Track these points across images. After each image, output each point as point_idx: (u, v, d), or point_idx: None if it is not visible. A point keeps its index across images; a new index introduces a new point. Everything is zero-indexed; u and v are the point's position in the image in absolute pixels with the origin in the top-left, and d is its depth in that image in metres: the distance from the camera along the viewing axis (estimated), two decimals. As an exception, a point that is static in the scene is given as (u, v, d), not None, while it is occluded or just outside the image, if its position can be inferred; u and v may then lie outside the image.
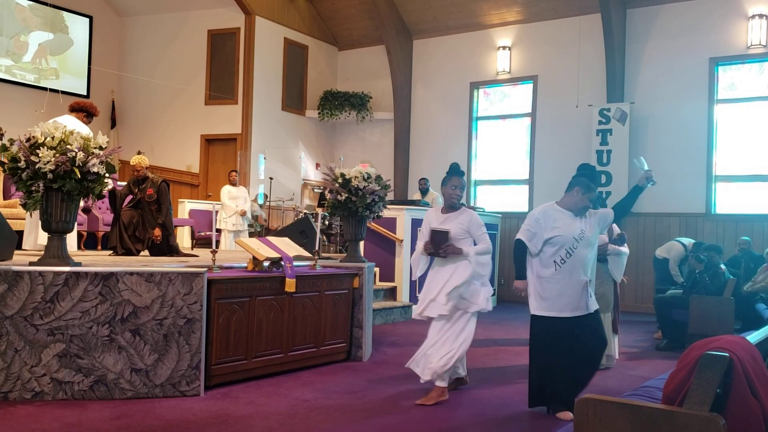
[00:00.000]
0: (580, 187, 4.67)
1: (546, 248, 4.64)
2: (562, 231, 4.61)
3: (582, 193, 4.67)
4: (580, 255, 4.62)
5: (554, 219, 4.67)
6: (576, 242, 4.61)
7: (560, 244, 4.60)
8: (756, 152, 11.08)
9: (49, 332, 4.55)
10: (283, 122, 14.34)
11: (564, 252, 4.60)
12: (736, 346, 2.23)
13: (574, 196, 4.70)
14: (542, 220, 4.67)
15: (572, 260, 4.60)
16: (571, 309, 4.61)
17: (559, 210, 4.72)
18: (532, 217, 4.73)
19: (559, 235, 4.60)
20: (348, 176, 6.58)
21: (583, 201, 4.68)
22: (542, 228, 4.65)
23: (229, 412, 4.50)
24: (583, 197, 4.68)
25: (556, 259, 4.61)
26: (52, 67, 14.09)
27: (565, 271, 4.60)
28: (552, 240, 4.62)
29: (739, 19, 11.13)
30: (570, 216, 4.69)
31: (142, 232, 7.14)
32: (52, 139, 4.54)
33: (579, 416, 2.21)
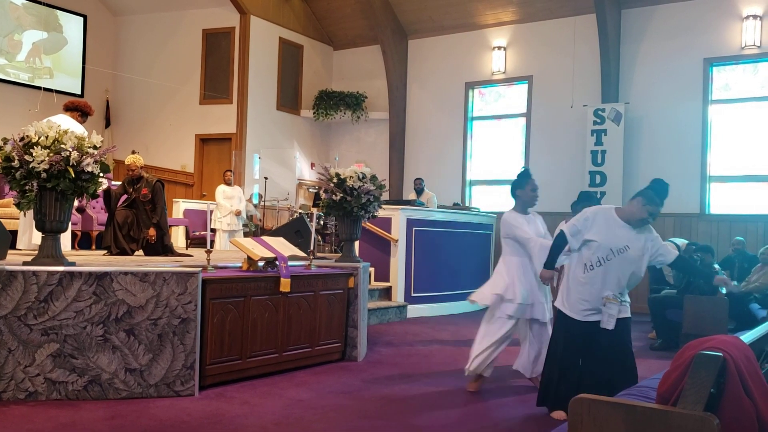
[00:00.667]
0: (643, 197, 4.39)
1: (583, 249, 4.47)
2: (601, 238, 4.39)
3: (642, 204, 4.38)
4: (613, 268, 4.39)
5: (601, 223, 4.44)
6: (612, 254, 4.38)
7: (594, 250, 4.40)
8: (750, 153, 11.12)
9: (43, 332, 4.53)
10: (278, 122, 14.33)
11: (596, 259, 4.40)
12: (729, 345, 2.23)
13: (634, 206, 4.41)
14: (591, 220, 4.46)
15: (603, 269, 4.40)
16: (590, 315, 4.47)
17: (613, 217, 4.45)
18: (583, 214, 4.52)
19: (595, 240, 4.40)
20: (343, 176, 6.58)
21: (641, 212, 4.37)
22: (587, 228, 4.44)
23: (224, 412, 4.49)
24: (642, 208, 4.37)
25: (587, 263, 4.44)
26: (46, 66, 14.05)
27: (593, 277, 4.43)
28: (589, 243, 4.43)
29: (734, 20, 11.16)
30: (622, 226, 4.41)
31: (137, 232, 7.12)
32: (46, 138, 4.53)
33: (573, 416, 2.21)
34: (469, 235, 10.94)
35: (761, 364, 2.72)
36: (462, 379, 5.77)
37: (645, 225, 4.45)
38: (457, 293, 10.54)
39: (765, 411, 2.22)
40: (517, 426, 4.52)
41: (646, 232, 4.46)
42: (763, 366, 2.77)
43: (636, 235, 4.41)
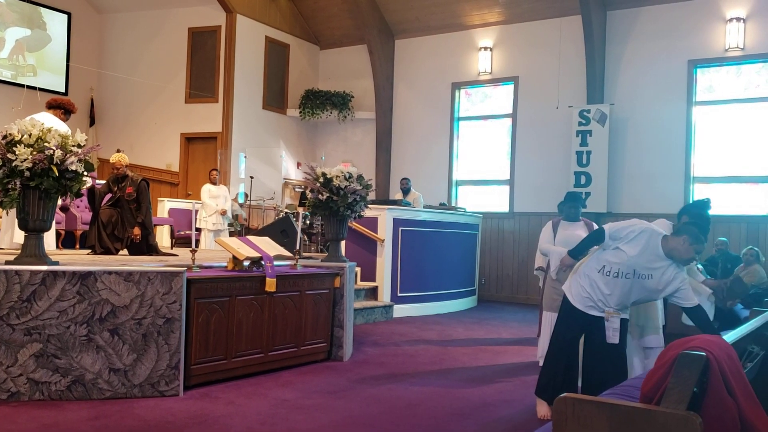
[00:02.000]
0: (689, 237, 4.13)
1: (610, 252, 4.33)
2: (632, 255, 4.23)
3: (689, 244, 4.13)
4: (625, 287, 4.29)
5: (642, 244, 4.24)
6: (633, 275, 4.25)
7: (618, 262, 4.28)
8: (733, 154, 11.22)
9: (25, 332, 4.49)
10: (264, 121, 14.28)
11: (617, 270, 4.29)
12: (712, 345, 2.25)
13: (680, 244, 4.15)
14: (636, 234, 4.26)
15: (614, 281, 4.31)
16: (591, 309, 4.43)
17: (657, 244, 4.21)
18: (632, 225, 4.31)
19: (625, 252, 4.25)
20: (329, 175, 6.57)
21: (688, 253, 4.14)
22: (628, 239, 4.26)
23: (209, 412, 4.47)
24: (689, 248, 4.13)
25: (606, 266, 4.34)
26: (29, 64, 13.93)
27: (605, 282, 4.35)
28: (619, 252, 4.29)
29: (717, 22, 11.26)
30: (660, 257, 4.21)
31: (121, 231, 7.07)
32: (29, 136, 4.49)
33: (557, 415, 2.22)
34: (456, 235, 10.96)
35: (744, 363, 2.74)
36: (448, 378, 5.79)
37: (689, 264, 4.31)
38: (443, 293, 10.57)
39: (747, 410, 2.24)
40: (505, 425, 4.53)
41: (678, 272, 4.26)
42: (746, 365, 2.80)
43: (667, 269, 4.22)
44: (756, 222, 10.81)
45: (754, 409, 2.29)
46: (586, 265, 4.50)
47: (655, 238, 4.23)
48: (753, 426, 2.24)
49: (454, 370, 6.24)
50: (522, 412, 4.85)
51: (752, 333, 3.08)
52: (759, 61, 11.06)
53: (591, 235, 4.58)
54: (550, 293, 6.57)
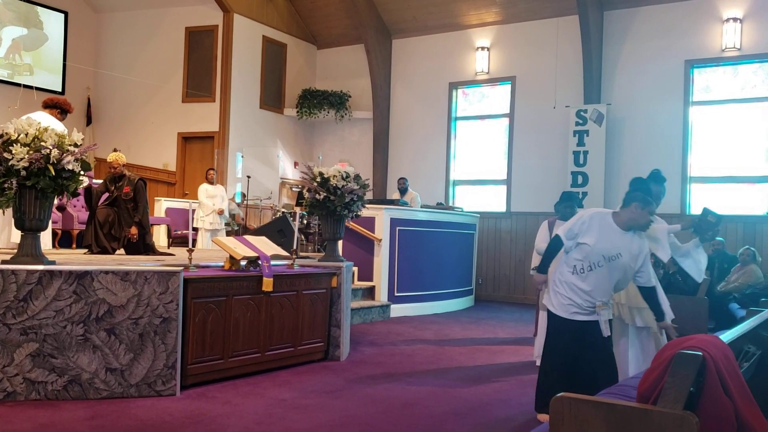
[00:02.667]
0: (639, 203, 4.29)
1: (574, 251, 4.40)
2: (594, 243, 4.31)
3: (642, 209, 4.29)
4: (602, 275, 4.34)
5: (597, 228, 4.35)
6: (603, 260, 4.31)
7: (586, 255, 4.33)
8: (730, 154, 11.24)
9: (22, 331, 4.48)
10: (261, 120, 14.27)
11: (587, 264, 4.34)
12: (709, 345, 2.25)
13: (634, 212, 4.30)
14: (587, 223, 4.37)
15: (592, 275, 4.34)
16: (577, 314, 4.41)
17: (609, 222, 4.36)
18: (580, 218, 4.43)
19: (587, 244, 4.32)
20: (326, 175, 6.57)
21: (644, 218, 4.31)
22: (583, 231, 4.35)
23: (206, 412, 4.47)
24: (643, 213, 4.29)
25: (577, 265, 4.38)
26: (26, 63, 13.89)
27: (582, 281, 4.37)
28: (581, 246, 4.35)
29: (714, 22, 11.28)
30: (618, 233, 4.33)
31: (118, 231, 7.06)
32: (26, 135, 4.48)
33: (554, 415, 2.22)
34: (453, 234, 10.97)
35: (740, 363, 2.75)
36: (445, 377, 5.79)
37: (648, 228, 4.41)
38: (440, 293, 10.58)
39: (743, 409, 2.25)
40: (499, 426, 4.53)
41: (642, 240, 4.40)
42: (742, 365, 2.81)
43: (631, 242, 4.34)
44: (752, 222, 10.83)
45: (750, 409, 2.29)
46: (559, 273, 4.51)
47: (605, 217, 4.37)
48: (749, 425, 2.25)
49: (451, 369, 6.25)
50: (519, 411, 4.85)
51: (749, 333, 3.09)
52: (755, 62, 11.08)
53: (550, 246, 4.58)
54: None
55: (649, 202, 4.30)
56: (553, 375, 4.50)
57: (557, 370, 4.48)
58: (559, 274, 4.50)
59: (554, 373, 4.49)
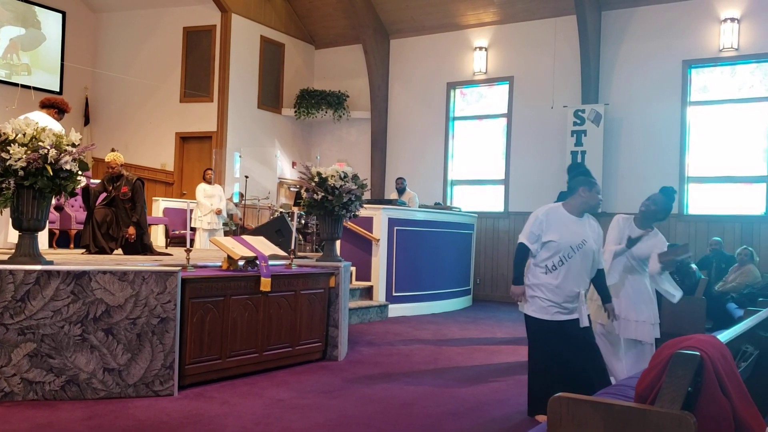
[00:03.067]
0: (585, 186, 4.48)
1: (542, 251, 4.46)
2: (559, 237, 4.40)
3: (590, 191, 4.47)
4: (575, 264, 4.42)
5: (556, 222, 4.46)
6: (572, 251, 4.41)
7: (555, 251, 4.40)
8: (727, 154, 11.25)
9: (19, 332, 4.48)
10: (259, 120, 14.27)
11: (557, 259, 4.41)
12: (707, 345, 2.25)
13: (584, 196, 4.48)
14: (545, 221, 4.46)
15: (565, 268, 4.42)
16: (558, 314, 4.46)
17: (564, 214, 4.50)
18: (536, 219, 4.49)
19: (554, 240, 4.41)
20: (324, 175, 6.57)
21: (595, 198, 4.48)
22: (544, 229, 4.44)
23: (203, 412, 4.46)
24: (591, 194, 4.47)
25: (548, 263, 4.44)
26: (23, 63, 13.88)
27: (558, 274, 4.43)
28: (548, 244, 4.43)
29: (712, 22, 11.29)
30: (575, 221, 4.47)
31: (116, 231, 7.06)
32: (23, 135, 4.47)
33: (552, 415, 2.22)
34: (451, 234, 10.97)
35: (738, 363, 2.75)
36: (443, 377, 5.79)
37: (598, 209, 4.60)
38: (438, 293, 10.58)
39: (741, 409, 2.25)
40: (497, 426, 4.54)
41: (595, 222, 4.61)
42: (740, 365, 2.81)
43: (589, 226, 4.53)
44: (750, 222, 10.85)
45: (747, 409, 2.30)
46: (532, 277, 4.54)
47: (558, 210, 4.53)
48: (747, 425, 2.25)
49: (448, 369, 6.25)
50: (516, 411, 4.85)
51: (746, 333, 3.09)
52: (753, 62, 11.10)
53: (518, 255, 4.58)
54: None
55: (593, 183, 4.52)
56: (543, 377, 4.50)
57: (547, 372, 4.49)
58: (533, 278, 4.54)
59: (545, 376, 4.49)
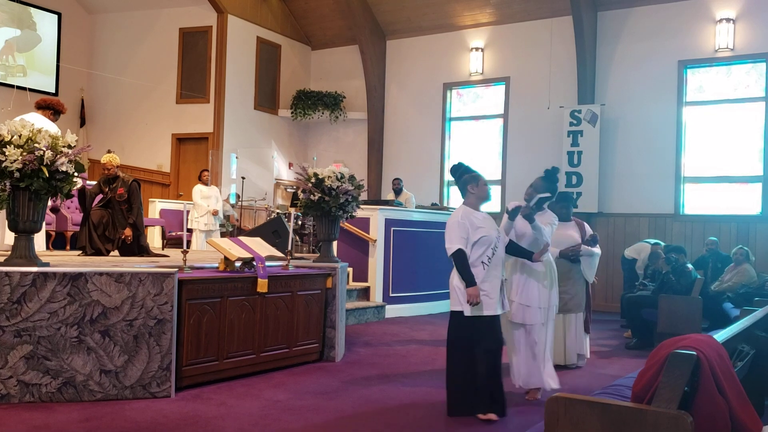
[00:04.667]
0: (472, 183, 4.76)
1: (474, 250, 4.61)
2: (486, 231, 4.63)
3: (477, 185, 4.75)
4: (500, 253, 4.70)
5: (475, 220, 4.66)
6: (497, 242, 4.67)
7: (487, 244, 4.60)
8: (723, 154, 11.27)
9: (15, 333, 4.47)
10: (256, 121, 14.26)
11: (490, 251, 4.62)
12: (703, 344, 2.26)
13: (473, 193, 4.76)
14: (466, 223, 4.63)
15: (495, 259, 4.64)
16: (499, 307, 4.65)
17: (472, 212, 4.72)
18: (456, 224, 4.62)
19: (485, 235, 4.61)
20: (321, 176, 6.56)
21: (483, 190, 4.78)
22: (468, 231, 4.60)
23: (201, 414, 4.46)
24: (480, 187, 4.76)
25: (484, 259, 4.60)
26: (19, 64, 13.85)
27: (491, 270, 4.61)
28: (480, 240, 4.60)
29: (707, 22, 11.31)
30: (481, 216, 4.72)
31: (112, 232, 7.04)
32: (19, 137, 4.46)
33: (549, 415, 2.22)
34: (447, 235, 10.95)
35: (734, 362, 2.76)
36: (440, 378, 5.79)
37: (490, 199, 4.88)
38: (435, 293, 10.57)
39: (737, 408, 2.25)
40: (494, 426, 4.54)
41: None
42: (736, 364, 2.81)
43: (491, 219, 4.81)
44: (746, 222, 10.87)
45: (744, 408, 2.30)
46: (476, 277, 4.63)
47: (467, 210, 4.74)
48: (743, 424, 2.26)
49: (439, 371, 6.24)
50: (514, 411, 4.85)
51: (742, 332, 3.10)
52: (748, 62, 11.12)
53: (460, 263, 4.62)
54: None
55: (476, 177, 4.80)
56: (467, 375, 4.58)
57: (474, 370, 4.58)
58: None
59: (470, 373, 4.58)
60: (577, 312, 6.52)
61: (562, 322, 6.44)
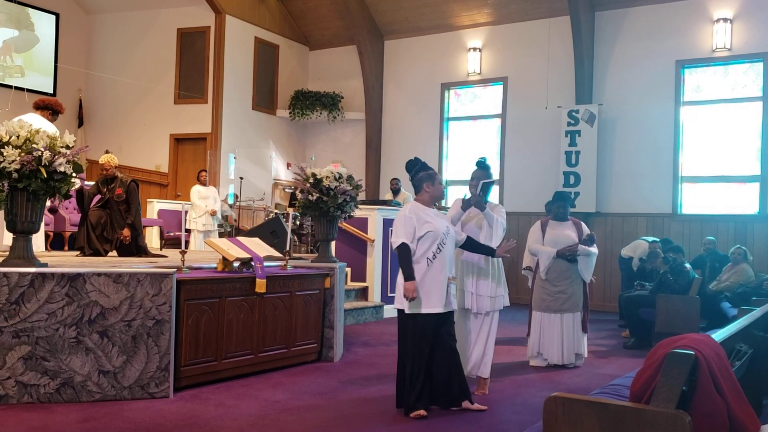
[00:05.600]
0: (428, 181, 4.76)
1: (420, 245, 4.62)
2: (433, 226, 4.63)
3: (433, 185, 4.76)
4: (448, 251, 4.68)
5: (423, 215, 4.67)
6: (444, 237, 4.66)
7: (432, 240, 4.60)
8: (721, 154, 11.29)
9: (14, 334, 4.46)
10: (254, 122, 14.25)
11: (435, 247, 4.61)
12: (701, 344, 2.26)
13: (432, 190, 4.77)
14: (413, 217, 4.65)
15: (441, 255, 4.63)
16: (440, 305, 4.62)
17: (423, 208, 4.74)
18: (403, 219, 4.66)
19: (431, 230, 4.61)
20: (319, 176, 6.56)
21: (438, 189, 4.79)
22: (414, 226, 4.62)
23: (199, 414, 4.46)
24: (436, 186, 4.77)
25: (429, 255, 4.60)
26: (17, 65, 13.83)
27: (436, 267, 4.60)
28: (425, 236, 4.61)
29: (705, 22, 11.33)
30: (433, 212, 4.74)
31: (111, 233, 7.04)
32: (17, 137, 4.46)
33: (548, 414, 2.23)
34: (445, 235, 10.95)
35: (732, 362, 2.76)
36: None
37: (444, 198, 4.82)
38: (433, 293, 10.55)
39: (736, 408, 2.26)
40: (492, 426, 4.54)
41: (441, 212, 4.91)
42: (734, 364, 2.82)
43: (442, 216, 4.83)
44: (743, 221, 10.88)
45: (742, 407, 2.31)
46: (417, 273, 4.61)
47: (417, 206, 4.74)
48: (741, 424, 2.26)
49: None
50: (512, 411, 4.86)
51: (740, 331, 3.10)
52: (746, 62, 11.14)
53: (402, 256, 4.64)
54: (540, 293, 6.60)
55: (432, 175, 4.78)
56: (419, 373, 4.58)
57: (422, 367, 4.59)
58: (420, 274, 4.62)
59: (420, 372, 4.58)
60: (575, 311, 6.53)
61: (560, 322, 6.46)
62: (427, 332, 4.60)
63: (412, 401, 4.57)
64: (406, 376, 4.63)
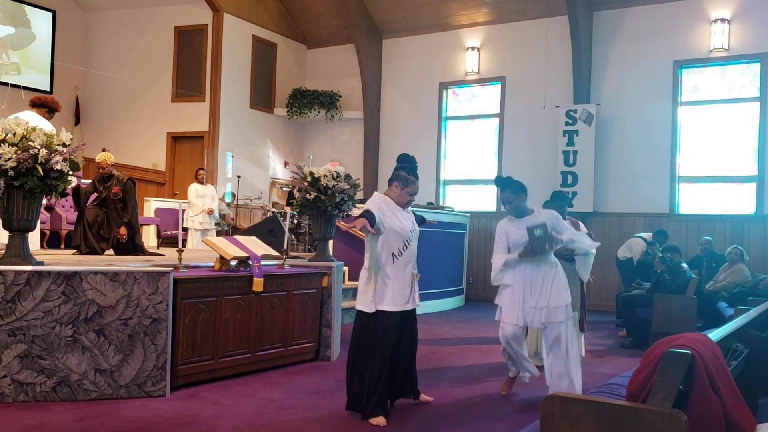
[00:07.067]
0: (398, 182, 4.63)
1: (385, 244, 4.52)
2: (400, 223, 4.55)
3: (401, 189, 4.63)
4: (413, 249, 4.63)
5: (392, 209, 4.58)
6: (411, 235, 4.60)
7: (399, 236, 4.53)
8: (718, 154, 11.30)
9: (10, 333, 4.45)
10: (251, 120, 14.24)
11: (402, 244, 4.55)
12: (698, 343, 2.26)
13: (394, 192, 4.64)
14: (384, 207, 4.55)
15: (407, 253, 4.58)
16: (404, 303, 4.57)
17: (392, 204, 4.62)
18: (375, 201, 4.56)
19: (399, 227, 4.53)
20: (317, 175, 6.56)
21: (403, 197, 4.63)
22: (385, 215, 4.51)
23: (196, 413, 4.45)
24: (402, 193, 4.63)
25: (394, 251, 4.53)
26: (13, 62, 13.81)
27: (401, 264, 4.55)
28: (392, 233, 4.52)
29: (702, 22, 11.34)
30: (401, 210, 4.63)
31: (107, 231, 7.03)
32: (13, 135, 4.45)
33: (545, 414, 2.23)
34: (443, 234, 10.98)
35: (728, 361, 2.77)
36: (436, 377, 5.79)
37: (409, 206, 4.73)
38: (431, 292, 10.58)
39: (732, 407, 2.26)
40: (490, 425, 4.54)
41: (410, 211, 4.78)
42: (730, 363, 2.82)
43: (410, 214, 4.73)
44: (740, 221, 10.90)
45: (738, 407, 2.31)
46: (374, 272, 4.54)
47: (386, 200, 4.61)
48: (738, 423, 2.26)
49: (441, 369, 6.25)
50: (510, 410, 4.86)
51: (737, 331, 3.10)
52: (743, 62, 11.15)
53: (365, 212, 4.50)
54: None
55: (407, 181, 4.61)
56: (379, 378, 4.47)
57: (384, 370, 4.50)
58: (381, 271, 4.52)
59: (381, 375, 4.48)
60: (573, 311, 6.52)
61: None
62: (390, 332, 4.51)
63: (371, 407, 4.44)
64: (365, 380, 4.48)
